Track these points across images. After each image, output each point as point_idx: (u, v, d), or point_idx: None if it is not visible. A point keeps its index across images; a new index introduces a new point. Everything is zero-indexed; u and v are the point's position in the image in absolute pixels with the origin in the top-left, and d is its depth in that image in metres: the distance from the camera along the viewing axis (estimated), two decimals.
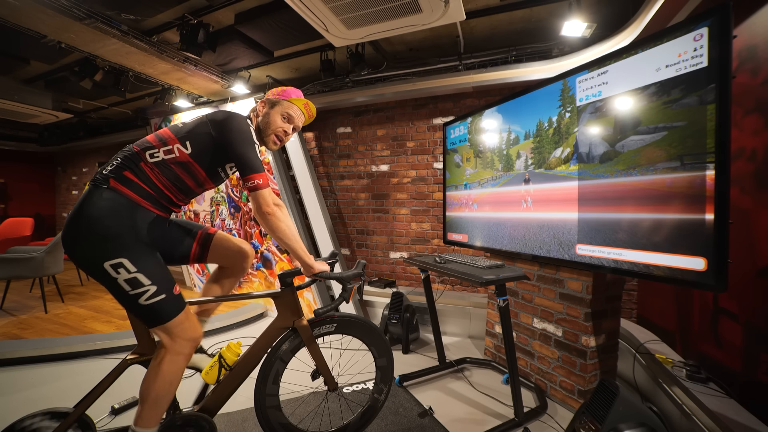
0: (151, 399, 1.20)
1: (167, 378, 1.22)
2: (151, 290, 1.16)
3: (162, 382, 1.21)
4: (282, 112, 1.43)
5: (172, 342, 1.22)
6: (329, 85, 3.65)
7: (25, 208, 7.20)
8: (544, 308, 2.17)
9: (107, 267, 1.12)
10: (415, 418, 1.87)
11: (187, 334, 1.25)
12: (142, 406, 1.21)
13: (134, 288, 1.15)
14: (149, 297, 1.16)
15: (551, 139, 2.00)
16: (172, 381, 1.24)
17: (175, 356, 1.23)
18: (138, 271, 1.15)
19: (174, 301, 1.22)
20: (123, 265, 1.13)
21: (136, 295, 1.15)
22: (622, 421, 1.33)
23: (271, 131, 1.43)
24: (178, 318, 1.22)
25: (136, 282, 1.15)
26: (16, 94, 3.97)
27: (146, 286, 1.16)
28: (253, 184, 1.23)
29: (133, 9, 2.52)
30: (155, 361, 1.23)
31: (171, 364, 1.22)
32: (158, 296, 1.18)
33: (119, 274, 1.13)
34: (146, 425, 1.22)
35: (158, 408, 1.23)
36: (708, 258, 1.32)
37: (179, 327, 1.23)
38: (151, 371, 1.23)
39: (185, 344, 1.25)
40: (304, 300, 3.48)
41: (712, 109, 1.30)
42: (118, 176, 1.18)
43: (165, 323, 1.20)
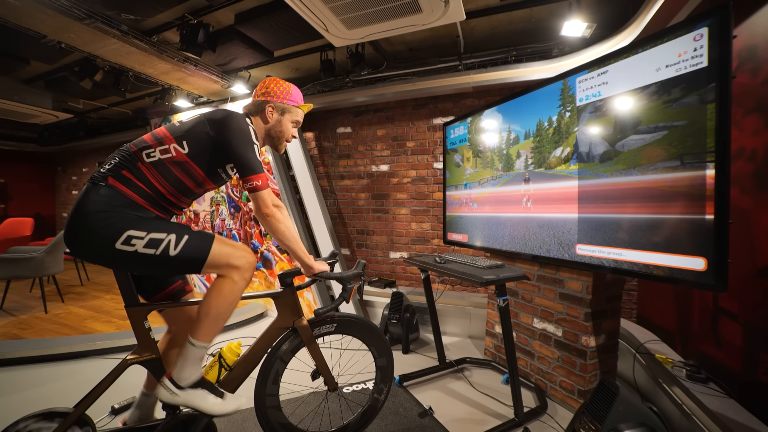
0: (212, 315, 1.24)
1: (228, 297, 1.25)
2: (173, 238, 1.17)
3: (223, 301, 1.25)
4: (292, 120, 1.45)
5: (229, 272, 1.25)
6: (329, 85, 3.65)
7: (25, 208, 7.21)
8: (544, 308, 2.17)
9: (121, 247, 1.13)
10: (415, 418, 1.87)
11: (236, 259, 1.25)
12: (202, 321, 1.24)
13: (157, 247, 1.15)
14: (175, 245, 1.17)
15: (551, 138, 2.00)
16: (232, 301, 1.27)
17: (237, 282, 1.26)
18: (149, 233, 1.15)
19: (200, 236, 1.23)
20: (132, 236, 1.13)
21: (164, 251, 1.16)
22: (622, 421, 1.33)
23: (285, 139, 1.46)
24: (215, 248, 1.23)
25: (155, 241, 1.15)
26: (16, 94, 3.97)
27: (165, 238, 1.16)
28: (253, 185, 1.23)
29: (133, 9, 2.52)
30: (217, 283, 1.26)
31: (233, 285, 1.25)
32: (182, 239, 1.18)
33: (135, 245, 1.13)
34: (205, 340, 1.26)
35: (217, 324, 1.26)
36: (708, 258, 1.32)
37: (223, 255, 1.24)
38: (212, 290, 1.25)
39: (240, 271, 1.26)
40: (304, 300, 3.48)
41: (712, 109, 1.30)
42: (116, 174, 1.18)
43: (207, 259, 1.21)
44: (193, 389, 1.25)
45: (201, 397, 1.25)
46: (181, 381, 1.24)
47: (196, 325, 1.25)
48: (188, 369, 1.25)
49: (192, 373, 1.25)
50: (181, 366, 1.25)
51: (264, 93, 1.41)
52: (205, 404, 1.24)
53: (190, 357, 1.25)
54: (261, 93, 1.42)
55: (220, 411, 1.26)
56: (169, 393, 1.23)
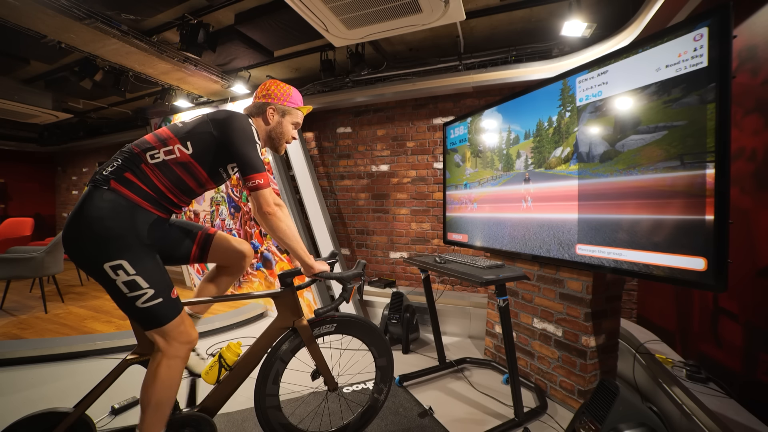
0: (152, 405, 1.20)
1: (166, 382, 1.21)
2: (149, 293, 1.16)
3: (161, 387, 1.21)
4: (292, 122, 1.46)
5: (167, 345, 1.22)
6: (329, 85, 3.65)
7: (25, 208, 7.21)
8: (544, 308, 2.17)
9: (107, 268, 1.12)
10: (415, 418, 1.87)
11: (183, 338, 1.24)
12: (144, 413, 1.20)
13: (132, 290, 1.14)
14: (146, 300, 1.16)
15: (551, 138, 2.00)
16: (171, 385, 1.23)
17: (171, 360, 1.22)
18: (137, 274, 1.14)
19: (171, 305, 1.22)
20: (122, 267, 1.13)
21: (134, 297, 1.15)
22: (622, 421, 1.33)
23: (286, 141, 1.47)
24: (174, 322, 1.22)
25: (135, 284, 1.14)
26: (16, 94, 3.97)
27: (144, 289, 1.15)
28: (254, 183, 1.23)
29: (133, 9, 2.52)
30: (152, 367, 1.22)
31: (168, 368, 1.22)
32: (155, 300, 1.17)
33: (118, 276, 1.13)
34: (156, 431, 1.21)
35: (161, 413, 1.22)
36: (708, 258, 1.32)
37: (175, 330, 1.22)
38: (148, 377, 1.22)
39: (181, 347, 1.24)
40: (304, 300, 3.48)
41: (712, 109, 1.30)
42: (119, 177, 1.17)
43: (161, 327, 1.20)
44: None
45: None
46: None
47: (140, 421, 1.21)
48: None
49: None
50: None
51: (265, 95, 1.42)
52: None
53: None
54: (262, 95, 1.43)
55: None
56: None
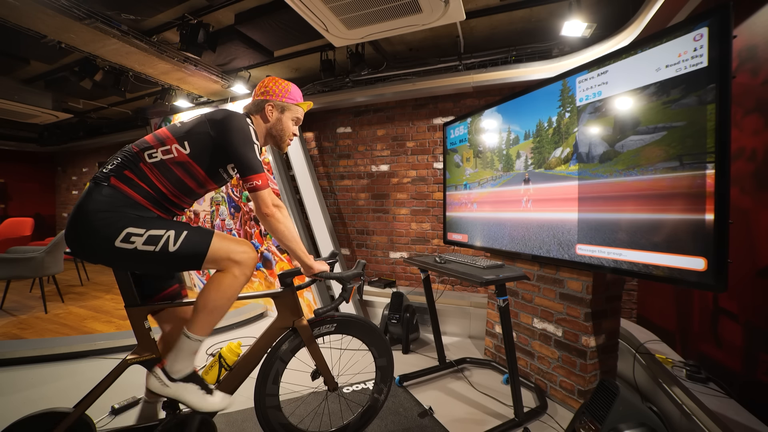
0: (208, 309, 1.23)
1: (227, 292, 1.24)
2: (171, 234, 1.17)
3: (221, 295, 1.24)
4: (293, 117, 1.45)
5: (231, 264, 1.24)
6: (329, 85, 3.65)
7: (25, 208, 7.21)
8: (544, 308, 2.17)
9: (120, 245, 1.13)
10: (415, 418, 1.87)
11: (236, 254, 1.25)
12: (198, 314, 1.23)
13: (156, 243, 1.15)
14: (174, 240, 1.17)
15: (551, 139, 2.00)
16: (231, 296, 1.26)
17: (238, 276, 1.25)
18: (147, 230, 1.15)
19: (199, 232, 1.23)
20: (132, 233, 1.13)
21: (164, 247, 1.15)
22: (622, 421, 1.33)
23: (287, 137, 1.46)
24: (215, 243, 1.23)
25: (153, 237, 1.15)
26: (16, 94, 3.97)
27: (164, 234, 1.16)
28: (253, 184, 1.23)
29: (133, 9, 2.52)
30: (218, 275, 1.25)
31: (232, 280, 1.24)
32: (181, 235, 1.18)
33: (134, 242, 1.13)
34: (201, 332, 1.25)
35: (213, 318, 1.25)
36: (708, 258, 1.32)
37: (223, 250, 1.23)
38: (211, 283, 1.24)
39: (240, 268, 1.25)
40: (304, 300, 3.48)
41: (712, 109, 1.30)
42: (119, 175, 1.18)
43: (207, 254, 1.21)
44: (184, 383, 1.25)
45: (191, 392, 1.25)
46: (173, 373, 1.24)
47: (192, 318, 1.24)
48: (181, 361, 1.25)
49: (185, 366, 1.26)
50: (174, 358, 1.25)
51: (263, 92, 1.42)
52: (193, 399, 1.25)
53: (184, 349, 1.25)
54: (260, 92, 1.42)
55: (207, 407, 1.26)
56: (159, 383, 1.23)
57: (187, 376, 1.26)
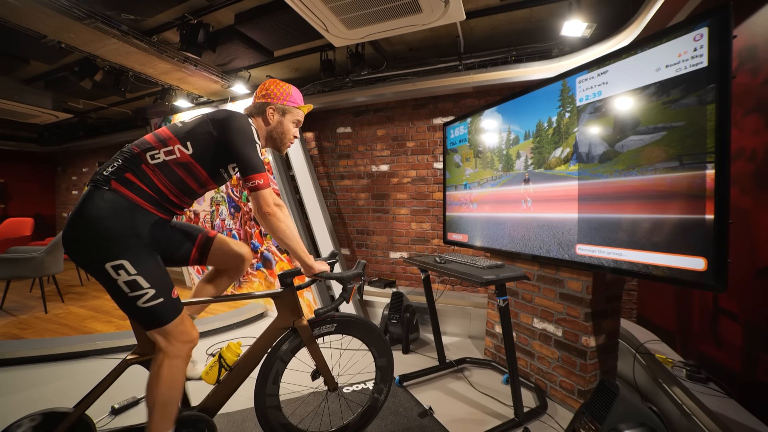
0: (158, 405, 1.21)
1: (169, 382, 1.22)
2: (150, 293, 1.16)
3: (165, 387, 1.21)
4: (293, 120, 1.45)
5: (169, 345, 1.22)
6: (329, 85, 3.65)
7: (25, 208, 7.20)
8: (544, 308, 2.17)
9: (108, 268, 1.12)
10: (415, 418, 1.87)
11: (184, 337, 1.25)
12: (152, 413, 1.21)
13: (133, 290, 1.14)
14: (147, 300, 1.16)
15: (551, 139, 2.00)
16: (175, 384, 1.24)
17: (173, 360, 1.23)
18: (138, 274, 1.14)
19: (172, 306, 1.22)
20: (123, 267, 1.13)
21: (135, 297, 1.15)
22: (622, 421, 1.33)
23: (288, 140, 1.47)
24: (175, 321, 1.22)
25: (136, 284, 1.14)
26: (16, 94, 3.97)
27: (145, 289, 1.15)
28: (254, 184, 1.23)
29: (133, 9, 2.52)
30: (154, 368, 1.22)
31: (170, 368, 1.22)
32: (156, 299, 1.17)
33: (119, 275, 1.13)
34: (166, 428, 1.22)
35: (168, 412, 1.23)
36: (708, 258, 1.32)
37: (176, 330, 1.23)
38: (152, 378, 1.22)
39: (182, 347, 1.24)
40: (304, 300, 3.48)
41: (712, 109, 1.30)
42: (120, 178, 1.17)
43: (162, 326, 1.20)
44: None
45: None
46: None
47: (148, 421, 1.21)
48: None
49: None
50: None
51: (264, 95, 1.41)
52: None
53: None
54: (261, 95, 1.42)
55: None
56: None
57: None
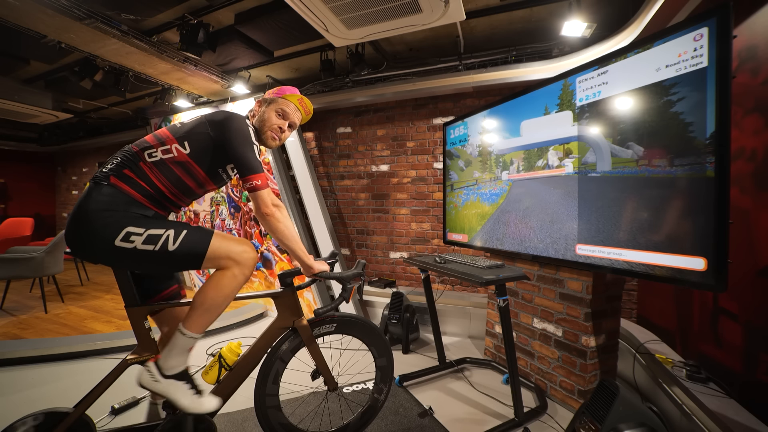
0: (205, 306, 1.23)
1: (225, 291, 1.24)
2: (171, 234, 1.17)
3: (219, 293, 1.24)
4: (276, 109, 1.43)
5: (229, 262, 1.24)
6: (329, 85, 3.65)
7: (25, 208, 7.20)
8: (544, 308, 2.17)
9: (120, 244, 1.13)
10: (415, 418, 1.87)
11: (237, 255, 1.25)
12: (195, 311, 1.23)
13: (155, 242, 1.15)
14: (174, 240, 1.17)
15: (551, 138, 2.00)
16: (228, 295, 1.26)
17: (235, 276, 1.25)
18: (147, 229, 1.16)
19: (199, 231, 1.23)
20: (131, 233, 1.14)
21: (163, 246, 1.16)
22: (622, 421, 1.33)
23: (267, 128, 1.43)
24: (215, 242, 1.23)
25: (153, 236, 1.15)
26: (16, 94, 3.97)
27: (163, 233, 1.16)
28: (252, 185, 1.24)
29: (133, 9, 2.52)
30: (217, 274, 1.25)
31: (231, 280, 1.24)
32: (181, 234, 1.18)
33: (133, 241, 1.14)
34: (196, 330, 1.24)
35: (209, 316, 1.25)
36: (708, 258, 1.32)
37: (223, 250, 1.23)
38: (210, 281, 1.24)
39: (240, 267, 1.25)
40: (304, 300, 3.48)
41: (712, 110, 1.30)
42: (119, 174, 1.19)
43: (207, 253, 1.21)
44: (175, 380, 1.24)
45: (180, 390, 1.24)
46: (166, 369, 1.24)
47: (188, 315, 1.24)
48: (174, 358, 1.25)
49: (178, 362, 1.25)
50: (168, 354, 1.25)
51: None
52: (181, 398, 1.23)
53: (178, 346, 1.24)
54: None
55: (194, 408, 1.24)
56: (150, 378, 1.22)
57: (179, 374, 1.26)
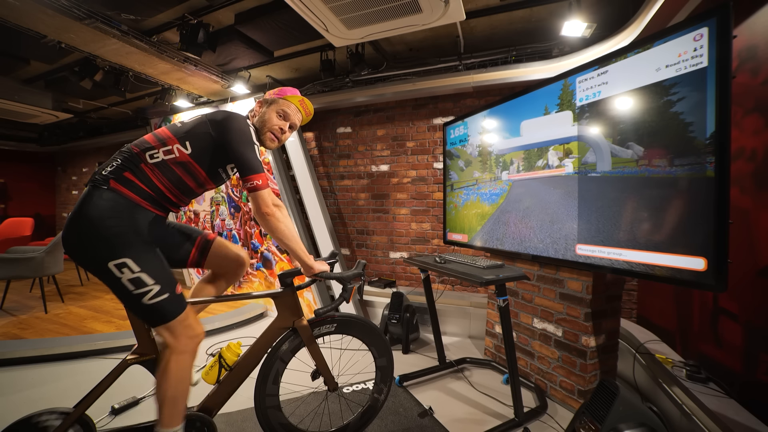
0: (168, 400, 1.22)
1: (178, 377, 1.23)
2: (155, 290, 1.17)
3: (174, 383, 1.22)
4: (277, 110, 1.43)
5: (175, 341, 1.22)
6: (329, 85, 3.65)
7: (25, 208, 7.20)
8: (544, 308, 2.17)
9: (111, 267, 1.13)
10: (415, 418, 1.87)
11: (190, 332, 1.25)
12: (161, 409, 1.22)
13: (138, 288, 1.15)
14: (152, 297, 1.16)
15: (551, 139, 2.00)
16: (183, 379, 1.24)
17: (180, 355, 1.23)
18: (141, 271, 1.15)
19: (176, 300, 1.22)
20: (127, 265, 1.13)
21: (140, 294, 1.15)
22: (622, 421, 1.33)
23: (267, 129, 1.42)
24: (180, 317, 1.22)
25: (140, 282, 1.15)
26: (16, 94, 3.97)
27: (150, 285, 1.16)
28: (253, 184, 1.24)
29: (133, 9, 2.52)
30: (162, 364, 1.23)
31: (178, 363, 1.23)
32: (161, 296, 1.18)
33: (123, 273, 1.13)
34: (171, 425, 1.23)
35: (177, 406, 1.24)
36: (708, 258, 1.32)
37: (181, 326, 1.23)
38: (160, 374, 1.23)
39: (189, 342, 1.25)
40: (304, 300, 3.48)
41: (712, 109, 1.30)
42: (118, 177, 1.18)
43: (168, 322, 1.20)
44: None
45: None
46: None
47: (158, 416, 1.23)
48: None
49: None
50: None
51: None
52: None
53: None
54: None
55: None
56: None
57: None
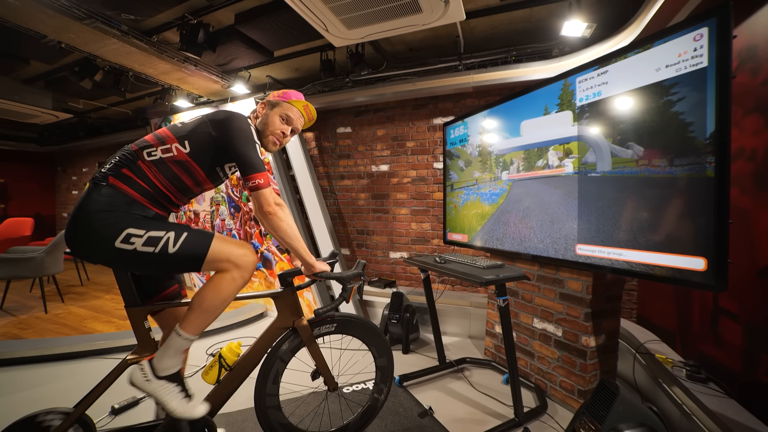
0: (203, 308, 1.22)
1: (223, 294, 1.24)
2: (171, 236, 1.17)
3: (217, 296, 1.23)
4: (281, 114, 1.42)
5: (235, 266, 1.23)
6: (329, 85, 3.65)
7: (25, 208, 7.20)
8: (544, 308, 2.17)
9: (120, 245, 1.13)
10: (415, 418, 1.87)
11: (237, 258, 1.24)
12: (192, 312, 1.22)
13: (155, 244, 1.15)
14: (174, 242, 1.16)
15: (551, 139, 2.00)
16: (227, 298, 1.25)
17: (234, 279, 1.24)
18: (147, 231, 1.15)
19: (200, 233, 1.22)
20: (131, 234, 1.14)
21: (163, 249, 1.15)
22: (622, 421, 1.33)
23: (270, 132, 1.42)
24: (215, 245, 1.22)
25: (153, 239, 1.15)
26: (16, 94, 3.97)
27: (164, 236, 1.16)
28: (254, 183, 1.24)
29: (133, 9, 2.52)
30: (216, 277, 1.24)
31: (230, 283, 1.24)
32: (181, 237, 1.18)
33: (134, 243, 1.13)
34: (192, 331, 1.24)
35: (206, 318, 1.25)
36: (708, 258, 1.32)
37: (223, 253, 1.23)
38: (209, 283, 1.24)
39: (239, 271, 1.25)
40: (304, 300, 3.48)
41: (712, 109, 1.30)
42: (117, 173, 1.19)
43: (206, 256, 1.20)
44: (167, 382, 1.23)
45: (169, 393, 1.22)
46: (159, 370, 1.22)
47: (185, 316, 1.24)
48: (168, 359, 1.24)
49: (171, 364, 1.24)
50: (162, 354, 1.24)
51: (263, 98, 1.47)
52: (170, 401, 1.21)
53: (173, 347, 1.23)
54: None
55: (180, 413, 1.22)
56: (142, 377, 1.21)
57: (171, 376, 1.24)
